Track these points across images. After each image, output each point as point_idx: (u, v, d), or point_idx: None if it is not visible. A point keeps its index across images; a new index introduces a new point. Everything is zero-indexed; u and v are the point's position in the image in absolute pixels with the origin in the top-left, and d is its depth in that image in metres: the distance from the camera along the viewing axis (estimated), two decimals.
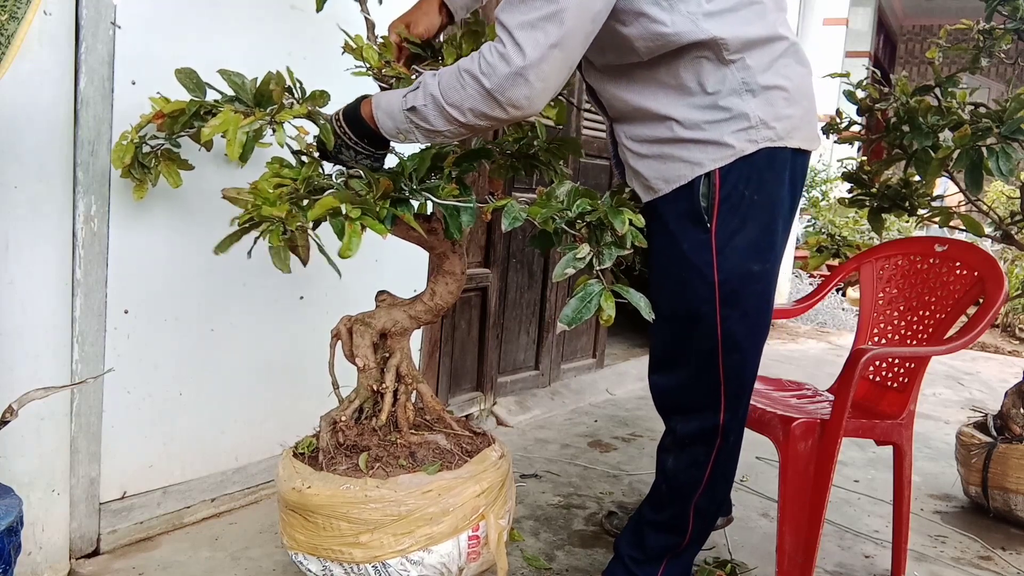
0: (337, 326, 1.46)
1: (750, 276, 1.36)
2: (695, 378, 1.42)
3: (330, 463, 1.36)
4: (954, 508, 2.37)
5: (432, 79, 1.19)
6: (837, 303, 6.48)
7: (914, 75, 10.38)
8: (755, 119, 1.29)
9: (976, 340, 1.71)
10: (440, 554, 1.32)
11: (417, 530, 1.29)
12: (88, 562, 1.65)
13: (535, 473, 2.38)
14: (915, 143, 2.00)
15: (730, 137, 1.29)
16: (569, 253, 1.18)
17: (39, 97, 1.44)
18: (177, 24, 1.65)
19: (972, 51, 2.30)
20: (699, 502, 1.51)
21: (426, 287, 1.49)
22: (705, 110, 1.29)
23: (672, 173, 1.33)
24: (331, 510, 1.28)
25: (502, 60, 1.13)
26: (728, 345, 1.38)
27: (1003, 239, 2.27)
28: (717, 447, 1.46)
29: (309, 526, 1.32)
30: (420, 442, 1.40)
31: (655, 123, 1.33)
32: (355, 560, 1.29)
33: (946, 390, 3.98)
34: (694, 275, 1.35)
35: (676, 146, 1.32)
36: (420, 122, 1.21)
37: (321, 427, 1.42)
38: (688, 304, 1.37)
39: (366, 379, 1.44)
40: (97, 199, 1.55)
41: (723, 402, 1.42)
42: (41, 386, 1.31)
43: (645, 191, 1.39)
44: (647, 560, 1.57)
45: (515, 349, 3.03)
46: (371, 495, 1.28)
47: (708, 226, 1.33)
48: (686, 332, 1.39)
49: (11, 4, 1.21)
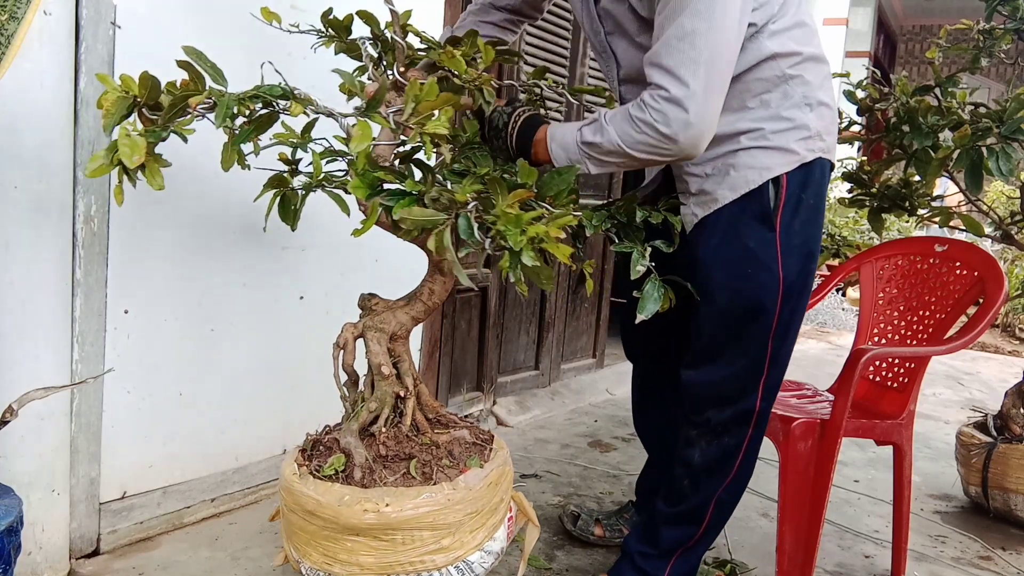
0: (343, 335, 1.40)
1: (806, 273, 1.47)
2: (744, 367, 1.47)
3: (376, 478, 1.31)
4: (954, 508, 2.37)
5: (608, 123, 1.29)
6: (837, 303, 6.49)
7: (914, 75, 10.38)
8: (813, 130, 1.40)
9: (976, 340, 1.71)
10: (500, 539, 1.36)
11: (487, 521, 1.33)
12: (88, 562, 1.65)
13: (535, 473, 2.38)
14: (915, 143, 2.00)
15: (795, 144, 1.39)
16: (635, 253, 1.29)
17: (39, 97, 1.44)
18: (177, 24, 1.65)
19: (972, 51, 2.30)
20: (722, 495, 1.53)
21: (423, 286, 1.47)
22: (769, 120, 1.39)
23: (740, 181, 1.40)
24: (416, 522, 1.25)
25: (671, 104, 1.23)
26: (779, 333, 1.46)
27: (1003, 239, 2.27)
28: (749, 436, 1.50)
29: (383, 546, 1.26)
30: (450, 440, 1.40)
31: (719, 144, 1.39)
32: (437, 566, 1.28)
33: (946, 390, 3.98)
34: (761, 270, 1.42)
35: (742, 155, 1.40)
36: (595, 154, 1.32)
37: (348, 443, 1.35)
38: (753, 296, 1.43)
39: (389, 386, 1.41)
40: (97, 199, 1.55)
41: (761, 389, 1.48)
42: (41, 386, 1.31)
43: (705, 207, 1.45)
44: (658, 555, 1.58)
45: (515, 349, 3.03)
46: (453, 498, 1.27)
47: (774, 225, 1.41)
48: (744, 326, 1.45)
49: (11, 4, 1.21)
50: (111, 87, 1.20)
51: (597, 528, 1.90)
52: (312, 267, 2.02)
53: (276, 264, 1.94)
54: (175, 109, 1.18)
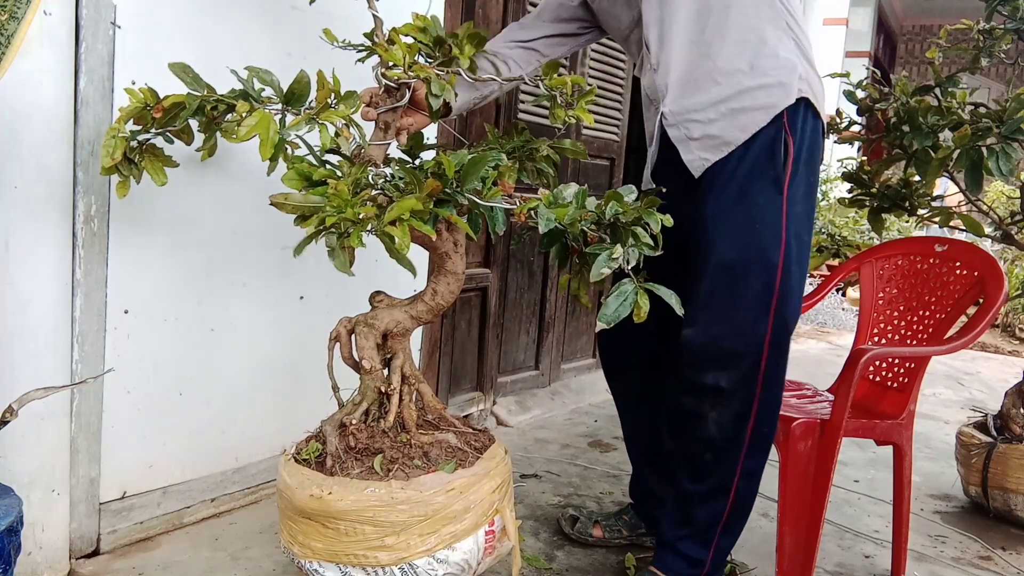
0: (336, 328, 1.45)
1: (803, 243, 1.53)
2: (744, 324, 1.48)
3: (342, 467, 1.33)
4: (954, 508, 2.37)
5: None
6: (837, 303, 6.49)
7: (914, 75, 10.38)
8: (802, 70, 1.49)
9: (976, 340, 1.71)
10: (463, 551, 1.33)
11: (442, 529, 1.30)
12: (88, 562, 1.65)
13: (535, 473, 2.38)
14: (915, 143, 2.00)
15: (788, 78, 1.47)
16: (603, 254, 1.20)
17: (39, 97, 1.44)
18: (177, 24, 1.65)
19: (972, 51, 2.30)
20: (746, 463, 1.53)
21: (427, 286, 1.48)
22: (768, 58, 1.48)
23: (748, 122, 1.47)
24: (356, 515, 1.26)
25: None
26: (783, 295, 1.48)
27: (1003, 239, 2.27)
28: (757, 398, 1.49)
29: (329, 533, 1.29)
30: (432, 442, 1.40)
31: (723, 78, 1.48)
32: (381, 563, 1.28)
33: (946, 390, 3.98)
34: (767, 226, 1.47)
35: (744, 96, 1.47)
36: None
37: (326, 432, 1.40)
38: (759, 250, 1.47)
39: (372, 381, 1.43)
40: (97, 199, 1.55)
41: (767, 347, 1.48)
42: (41, 386, 1.31)
43: (716, 150, 1.49)
44: (696, 533, 1.57)
45: (515, 349, 3.03)
46: (397, 497, 1.27)
47: (782, 188, 1.47)
48: (746, 278, 1.47)
49: (11, 4, 1.21)
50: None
51: (596, 529, 1.90)
52: (312, 267, 2.02)
53: (276, 264, 1.94)
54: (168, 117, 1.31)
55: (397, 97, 1.38)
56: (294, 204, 1.19)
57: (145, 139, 1.35)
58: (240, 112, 1.23)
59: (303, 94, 1.29)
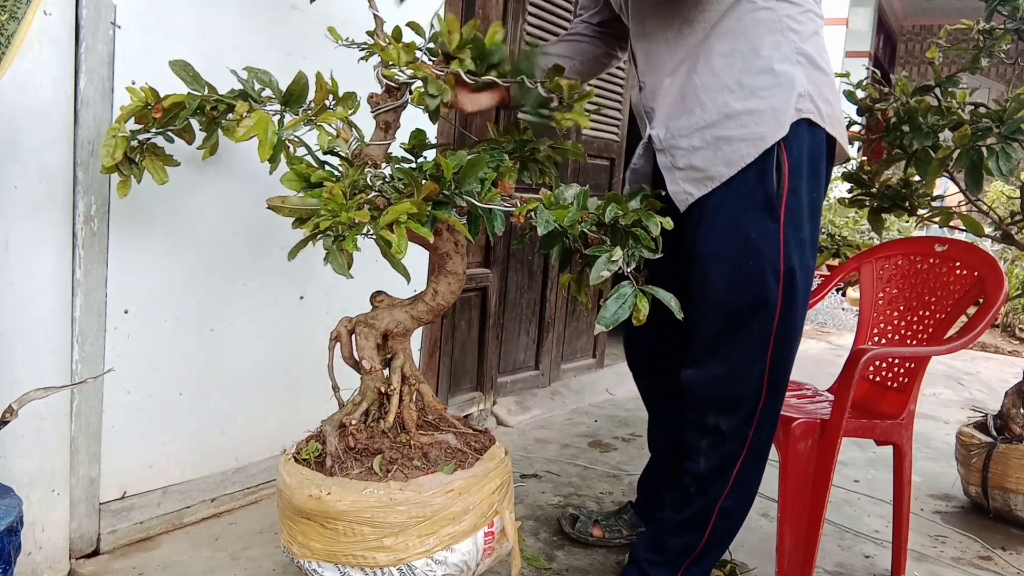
0: (337, 328, 1.45)
1: (806, 269, 1.41)
2: (742, 368, 1.43)
3: (341, 468, 1.33)
4: (954, 508, 2.37)
5: None
6: (837, 303, 6.49)
7: (914, 75, 10.38)
8: (803, 86, 1.33)
9: (976, 340, 1.71)
10: (461, 552, 1.32)
11: (441, 530, 1.30)
12: (88, 562, 1.65)
13: (535, 473, 2.38)
14: (915, 143, 2.00)
15: (783, 103, 1.32)
16: (603, 256, 1.20)
17: (39, 97, 1.44)
18: (177, 24, 1.65)
19: (972, 51, 2.30)
20: (725, 503, 1.51)
21: (427, 287, 1.48)
22: (760, 75, 1.33)
23: (734, 155, 1.34)
24: (355, 515, 1.26)
25: None
26: (781, 334, 1.41)
27: (1003, 239, 2.27)
28: (749, 440, 1.46)
29: (328, 533, 1.29)
30: (431, 442, 1.40)
31: (708, 97, 1.34)
32: (379, 564, 1.28)
33: (946, 390, 3.98)
34: (763, 262, 1.37)
35: (730, 123, 1.34)
36: None
37: (326, 432, 1.40)
38: (755, 292, 1.38)
39: (372, 381, 1.43)
40: (97, 199, 1.55)
41: (764, 392, 1.44)
42: (41, 386, 1.31)
43: (700, 184, 1.39)
44: (665, 562, 1.56)
45: (515, 349, 3.03)
46: (396, 498, 1.27)
47: (778, 216, 1.35)
48: (744, 320, 1.40)
49: (11, 4, 1.21)
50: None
51: (596, 529, 1.90)
52: (312, 267, 2.02)
53: (276, 264, 1.94)
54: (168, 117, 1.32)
55: (397, 97, 1.38)
56: (291, 207, 1.20)
57: (146, 138, 1.35)
58: (239, 112, 1.23)
59: (301, 95, 1.29)
